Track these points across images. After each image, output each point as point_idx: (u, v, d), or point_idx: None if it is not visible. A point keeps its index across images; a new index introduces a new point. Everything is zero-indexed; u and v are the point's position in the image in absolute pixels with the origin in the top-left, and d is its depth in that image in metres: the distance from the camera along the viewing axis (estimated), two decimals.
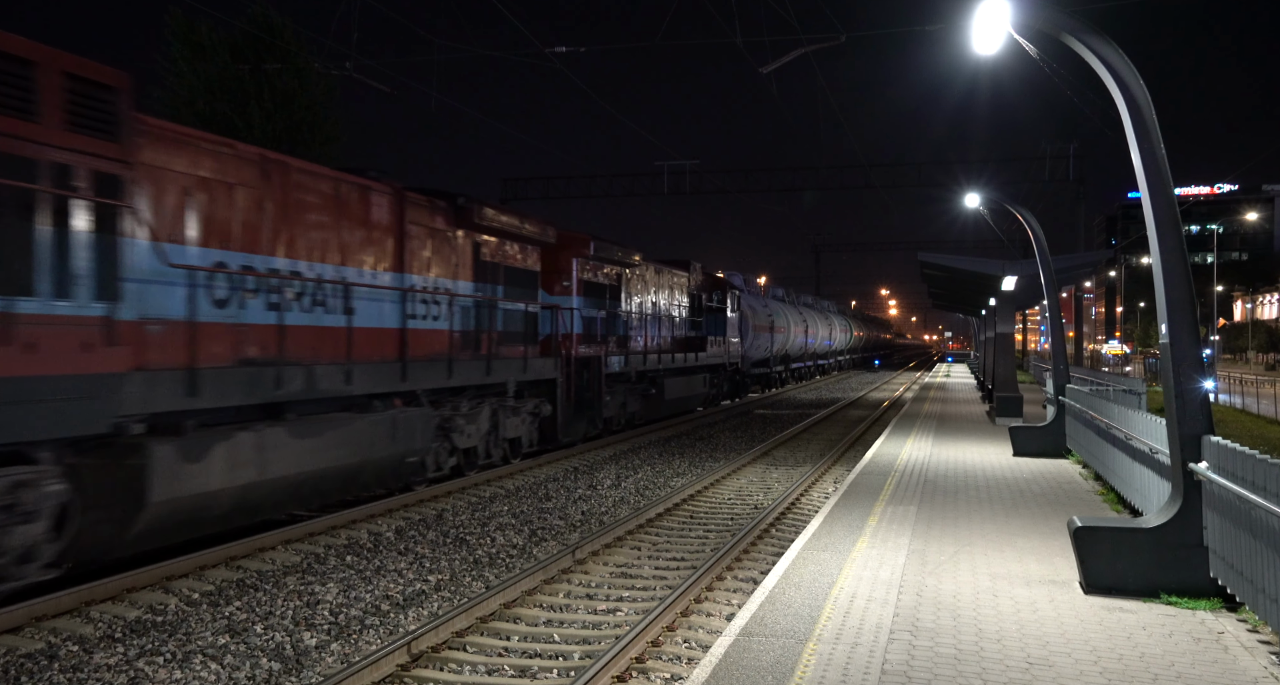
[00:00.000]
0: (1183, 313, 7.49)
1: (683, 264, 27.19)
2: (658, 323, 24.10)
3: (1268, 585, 6.08)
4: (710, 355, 28.58)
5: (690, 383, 26.63)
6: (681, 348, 26.11)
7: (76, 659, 7.12)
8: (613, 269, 21.06)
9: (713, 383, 29.67)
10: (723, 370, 31.02)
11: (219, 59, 29.65)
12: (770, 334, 38.90)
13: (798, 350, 46.68)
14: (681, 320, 26.36)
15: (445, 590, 9.18)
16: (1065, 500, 12.01)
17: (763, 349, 38.04)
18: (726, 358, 30.94)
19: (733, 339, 31.76)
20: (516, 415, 16.65)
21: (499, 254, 16.29)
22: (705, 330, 28.37)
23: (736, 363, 32.82)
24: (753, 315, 35.95)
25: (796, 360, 47.88)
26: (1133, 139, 7.60)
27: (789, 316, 43.76)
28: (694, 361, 26.90)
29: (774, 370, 41.56)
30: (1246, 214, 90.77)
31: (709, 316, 28.99)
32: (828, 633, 6.53)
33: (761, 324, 37.28)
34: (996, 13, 7.83)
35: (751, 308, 36.10)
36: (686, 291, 26.84)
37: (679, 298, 26.21)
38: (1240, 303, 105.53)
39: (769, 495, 14.78)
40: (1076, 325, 60.21)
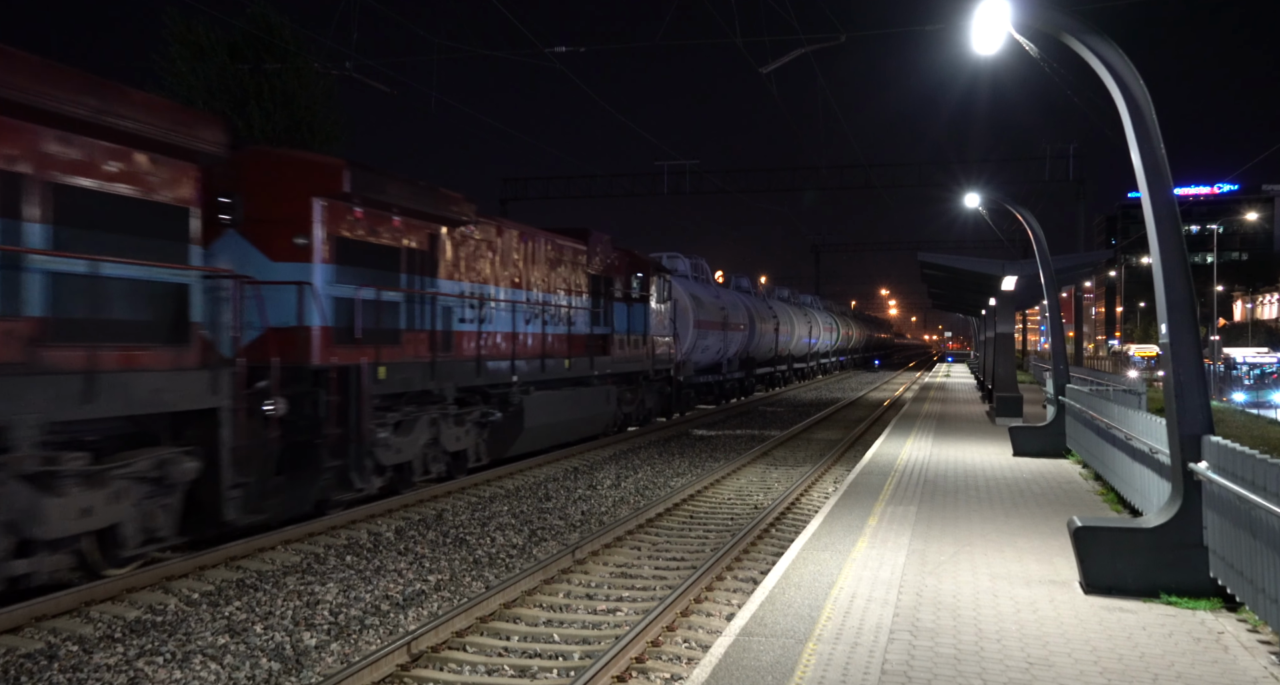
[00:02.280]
0: (1183, 313, 7.48)
1: (576, 234, 19.99)
2: (518, 314, 16.79)
3: (1268, 585, 6.08)
4: (619, 360, 21.25)
5: (579, 401, 19.11)
6: (566, 350, 18.66)
7: (76, 659, 7.12)
8: (413, 224, 13.66)
9: (627, 397, 22.39)
10: (644, 380, 23.56)
11: (218, 59, 29.65)
12: (724, 333, 31.29)
13: (766, 351, 38.98)
14: (571, 312, 19.11)
15: (445, 590, 9.18)
16: (1065, 500, 12.01)
17: (714, 351, 30.51)
18: (650, 364, 23.43)
19: (661, 338, 24.48)
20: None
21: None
22: (615, 326, 21.30)
23: (667, 370, 25.03)
24: (697, 308, 28.20)
25: (767, 363, 40.04)
26: (1133, 139, 7.60)
27: (758, 312, 36.79)
28: (586, 370, 19.45)
29: (731, 377, 33.87)
30: (1246, 214, 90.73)
31: (624, 308, 22.01)
32: (828, 633, 6.53)
33: (710, 319, 29.58)
34: (996, 13, 7.83)
35: (697, 299, 28.77)
36: (584, 273, 19.85)
37: (570, 281, 19.26)
38: (1240, 303, 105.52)
39: (769, 495, 14.78)
40: (1076, 325, 60.26)
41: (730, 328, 32.13)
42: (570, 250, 19.41)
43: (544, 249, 18.14)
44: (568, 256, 19.21)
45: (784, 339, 41.97)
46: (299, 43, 30.81)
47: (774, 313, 40.30)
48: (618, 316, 21.61)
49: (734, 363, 34.03)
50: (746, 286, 40.88)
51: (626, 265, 22.49)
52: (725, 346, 31.88)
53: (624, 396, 22.23)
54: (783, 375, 44.08)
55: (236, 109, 29.37)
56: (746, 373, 35.99)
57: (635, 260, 22.89)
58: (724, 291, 34.37)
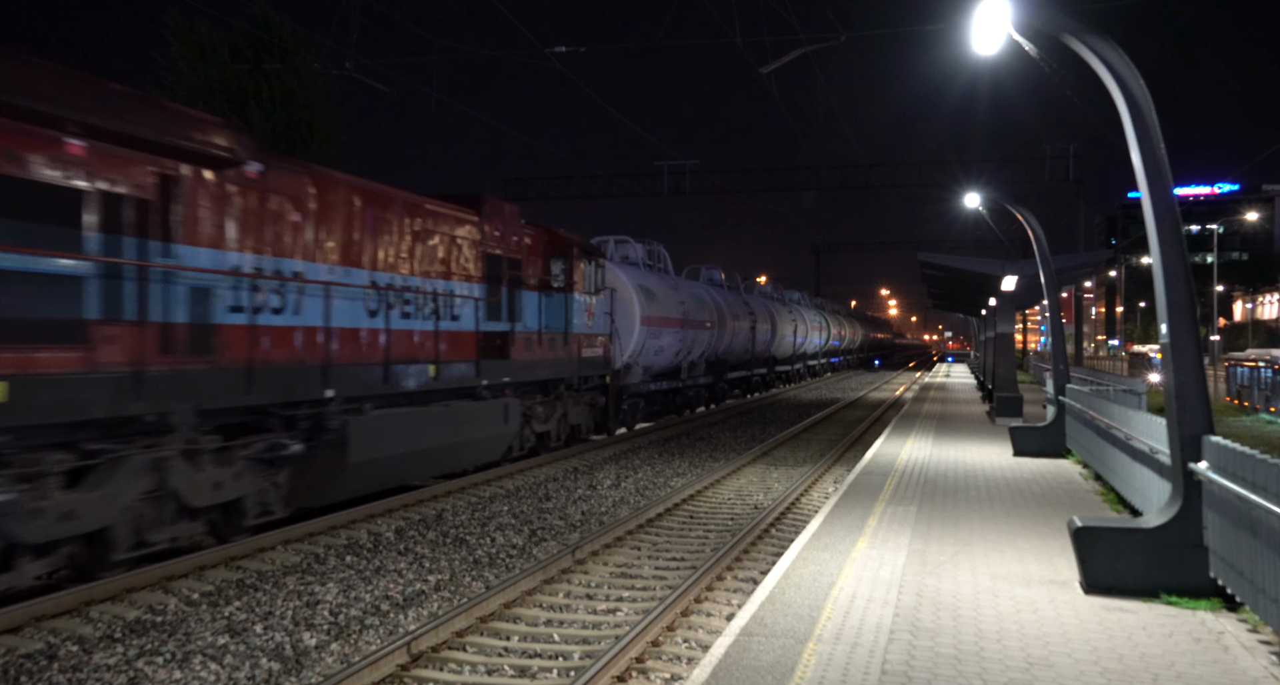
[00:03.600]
0: (1183, 313, 7.48)
1: (463, 201, 15.30)
2: (353, 302, 12.22)
3: (1268, 585, 6.08)
4: (526, 365, 16.65)
5: (454, 420, 14.06)
6: (434, 353, 13.83)
7: (76, 659, 7.12)
8: (117, 157, 9.02)
9: (539, 413, 17.75)
10: (566, 390, 18.89)
11: (218, 59, 29.67)
12: (685, 331, 26.58)
13: (741, 353, 34.39)
14: (448, 301, 14.39)
15: (445, 590, 9.18)
16: (1065, 500, 12.01)
17: (670, 352, 25.87)
18: (575, 369, 18.80)
19: (593, 337, 19.74)
20: None
21: None
22: (522, 321, 16.72)
23: (602, 376, 20.49)
24: (646, 302, 23.43)
25: (742, 366, 35.42)
26: (1133, 139, 7.60)
27: (730, 308, 32.33)
28: (469, 378, 14.73)
29: (694, 383, 29.09)
30: (1246, 214, 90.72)
31: (538, 300, 17.47)
32: (828, 633, 6.53)
33: (664, 315, 24.88)
34: (996, 13, 7.83)
35: (648, 290, 23.89)
36: (475, 251, 15.27)
37: (452, 261, 14.60)
38: (1240, 303, 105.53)
39: (769, 495, 14.78)
40: (1076, 325, 60.24)
41: (693, 325, 27.32)
42: (450, 221, 14.59)
43: (402, 216, 13.36)
44: (446, 229, 14.44)
45: (763, 338, 37.21)
46: (299, 43, 30.84)
47: (750, 309, 35.40)
48: (527, 309, 16.92)
49: (698, 366, 29.17)
50: (719, 280, 36.18)
51: (543, 246, 17.88)
52: (686, 347, 27.14)
53: (534, 411, 17.48)
54: (762, 379, 39.41)
55: (236, 108, 29.39)
56: (716, 377, 31.31)
57: (556, 240, 18.24)
58: (686, 284, 29.15)
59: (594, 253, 19.80)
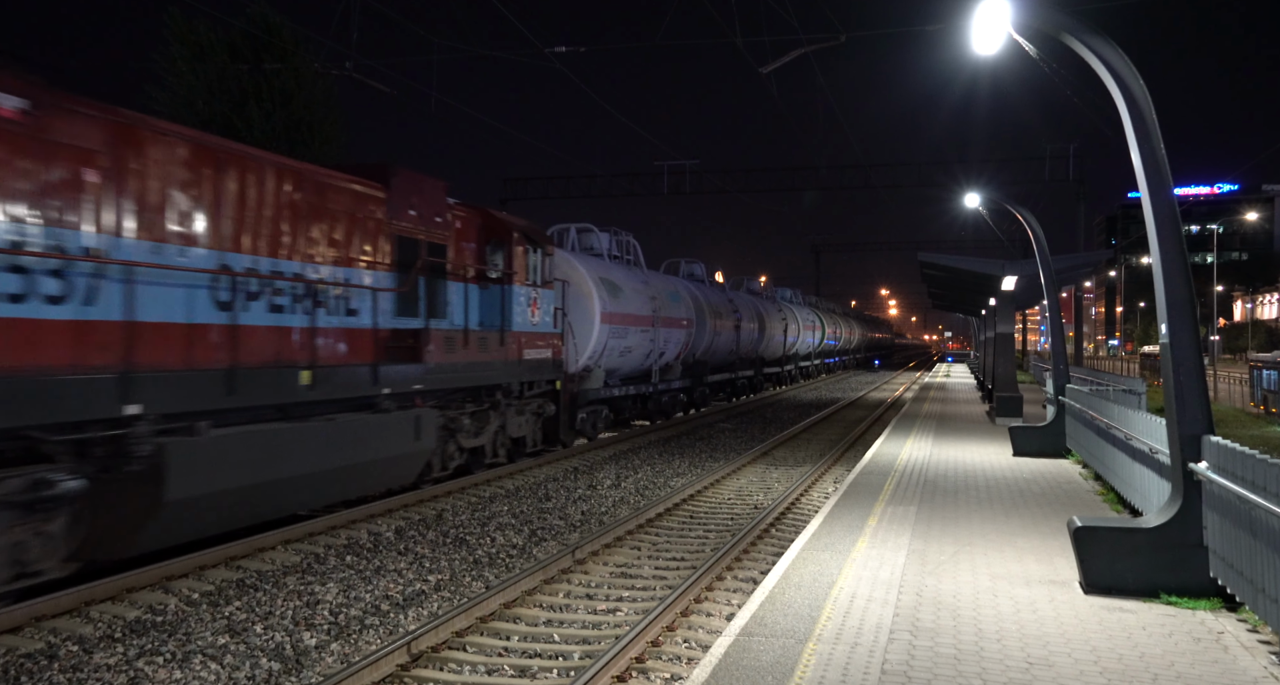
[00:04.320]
0: (1183, 313, 7.49)
1: (368, 174, 12.79)
2: (190, 291, 9.70)
3: (1268, 585, 6.09)
4: (447, 369, 13.88)
5: (338, 438, 11.45)
6: (311, 354, 11.30)
7: (76, 659, 7.12)
8: None
9: (465, 425, 14.91)
10: (504, 397, 16.02)
11: (218, 59, 29.68)
12: (656, 330, 24.01)
13: (724, 354, 32.02)
14: (337, 292, 11.83)
15: (445, 590, 9.18)
16: (1065, 500, 12.01)
17: (639, 354, 23.32)
18: (515, 373, 16.10)
19: (540, 335, 17.02)
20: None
21: None
22: (446, 317, 14.23)
23: (550, 380, 17.76)
24: (608, 297, 20.73)
25: (724, 368, 33.13)
26: (1133, 139, 7.61)
27: (712, 306, 29.98)
28: (364, 385, 12.16)
29: (667, 387, 26.23)
30: (1246, 214, 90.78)
31: (467, 292, 14.90)
32: (828, 633, 6.53)
33: (631, 313, 22.15)
34: (996, 13, 7.84)
35: (611, 284, 21.30)
36: (381, 233, 12.72)
37: (348, 243, 12.07)
38: (1240, 303, 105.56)
39: (769, 495, 14.78)
40: (1076, 325, 60.24)
41: (666, 324, 24.72)
42: (346, 195, 11.98)
43: (275, 185, 10.87)
44: (340, 204, 11.84)
45: (749, 338, 34.60)
46: (299, 43, 30.84)
47: (735, 307, 32.91)
48: (452, 303, 14.40)
49: (673, 369, 26.64)
50: (700, 275, 33.27)
51: (476, 230, 15.41)
52: (658, 348, 24.56)
53: (460, 424, 14.71)
54: (749, 382, 36.91)
55: (236, 109, 29.40)
56: (695, 380, 28.77)
57: (492, 223, 15.76)
58: (660, 278, 26.79)
59: (540, 240, 17.08)
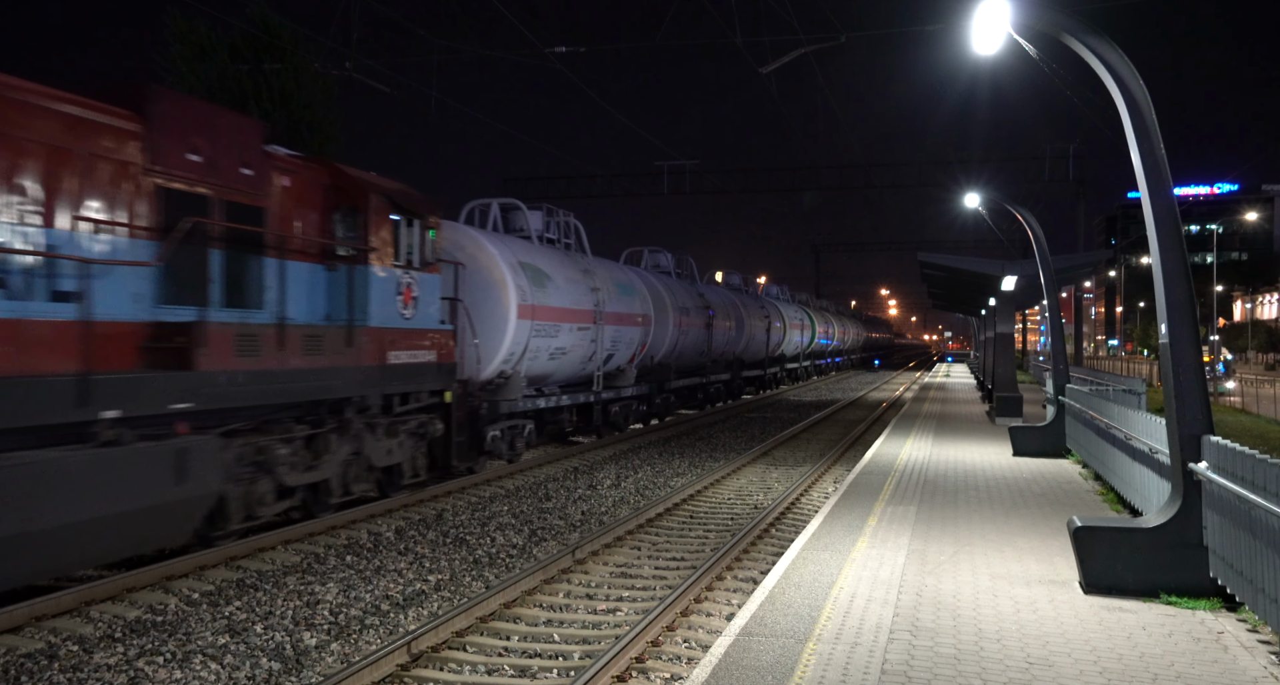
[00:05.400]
0: (1183, 313, 7.49)
1: (109, 97, 9.22)
2: None
3: (1268, 585, 6.09)
4: (232, 378, 9.96)
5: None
6: None
7: (76, 659, 7.12)
8: None
9: (284, 457, 11.06)
10: (355, 414, 12.24)
11: (218, 59, 29.71)
12: (599, 328, 20.07)
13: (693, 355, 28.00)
14: (55, 269, 8.43)
15: (445, 590, 9.18)
16: (1065, 500, 12.01)
17: (578, 357, 19.37)
18: (373, 382, 12.35)
19: (419, 330, 13.38)
20: None
21: None
22: (241, 307, 10.62)
23: (439, 391, 14.20)
24: (529, 286, 16.85)
25: (693, 372, 28.77)
26: (1133, 139, 7.61)
27: (678, 300, 25.97)
28: (66, 403, 8.18)
29: (619, 395, 22.17)
30: (1246, 214, 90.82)
31: (288, 272, 11.23)
32: (828, 632, 6.53)
33: (564, 306, 18.20)
34: (996, 13, 7.84)
35: (534, 271, 17.38)
36: (137, 185, 9.30)
37: (50, 194, 8.42)
38: (1240, 303, 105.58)
39: (769, 495, 14.78)
40: (1076, 325, 60.23)
41: (614, 321, 20.88)
42: (53, 121, 8.51)
43: None
44: (38, 133, 8.36)
45: (724, 338, 30.63)
46: (299, 43, 30.85)
47: (706, 303, 28.86)
48: (270, 288, 10.95)
49: (624, 374, 22.53)
50: (666, 265, 29.09)
51: (317, 191, 11.81)
52: (603, 349, 20.49)
53: (274, 456, 10.88)
54: (724, 387, 32.63)
55: (236, 108, 29.42)
56: (655, 387, 24.86)
57: (342, 184, 12.15)
58: (606, 266, 22.31)
59: (419, 209, 13.31)
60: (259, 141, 10.97)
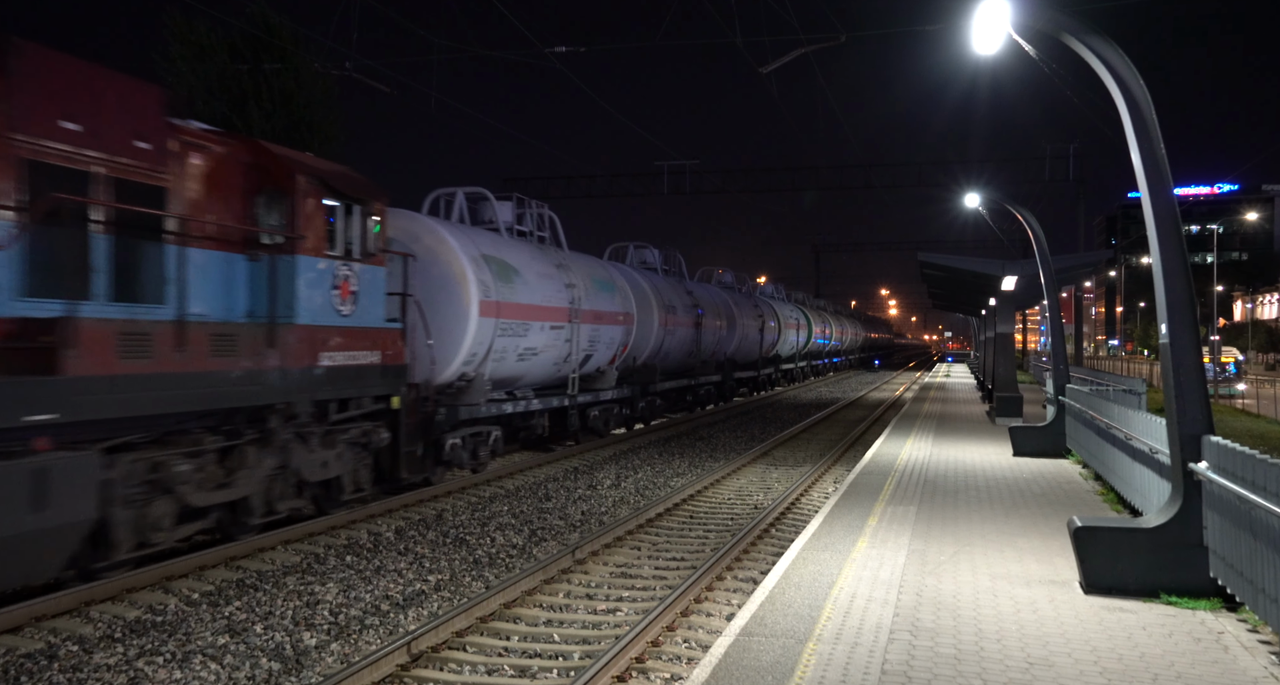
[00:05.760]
0: (1183, 313, 7.49)
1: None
2: None
3: (1268, 585, 6.09)
4: (124, 385, 8.65)
5: None
6: None
7: (76, 659, 7.12)
8: None
9: (185, 476, 9.65)
10: (280, 423, 10.93)
11: (218, 59, 29.71)
12: (575, 327, 18.58)
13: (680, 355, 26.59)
14: None
15: (445, 590, 9.18)
16: (1065, 500, 12.01)
17: (551, 358, 17.99)
18: (298, 391, 10.98)
19: (360, 328, 12.12)
20: None
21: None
22: (129, 300, 9.18)
23: (384, 396, 12.80)
24: (492, 280, 15.58)
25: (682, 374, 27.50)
26: (1133, 139, 7.61)
27: (663, 298, 24.64)
28: None
29: (597, 398, 20.71)
30: (1246, 214, 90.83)
31: (193, 261, 9.89)
32: (828, 633, 6.53)
33: (538, 303, 17.09)
34: (996, 13, 7.84)
35: (498, 264, 16.05)
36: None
37: None
38: (1240, 303, 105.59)
39: (769, 495, 14.78)
40: (1076, 325, 60.22)
41: (592, 319, 19.54)
42: None
43: None
44: None
45: (714, 337, 29.47)
46: (299, 43, 30.85)
47: (695, 301, 27.67)
48: (170, 280, 9.62)
49: (603, 376, 21.17)
50: (653, 262, 27.80)
51: (236, 170, 10.59)
52: (579, 349, 19.12)
53: (175, 474, 9.61)
54: (715, 389, 31.07)
55: (236, 109, 29.41)
56: (641, 389, 23.48)
57: (266, 163, 10.87)
58: (585, 261, 20.92)
59: (359, 193, 12.00)
60: (159, 111, 9.45)
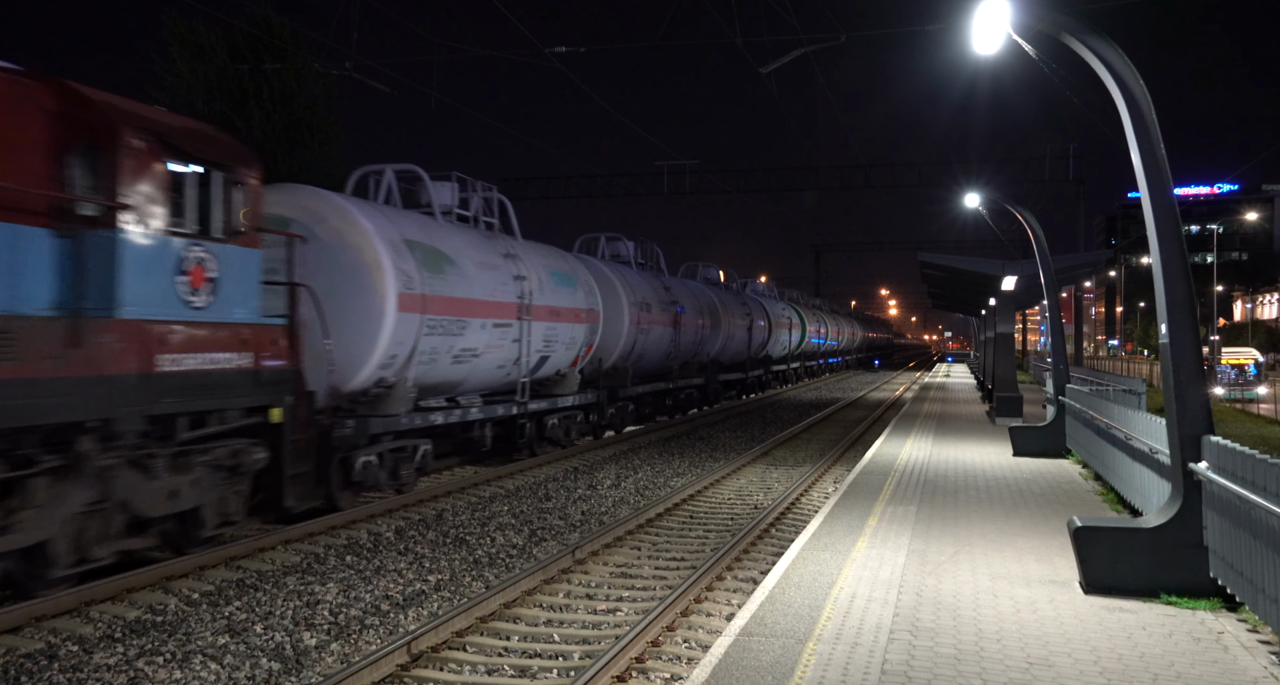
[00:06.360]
0: (1183, 313, 7.49)
1: None
2: None
3: (1268, 585, 6.09)
4: None
5: None
6: None
7: (76, 659, 7.12)
8: None
9: None
10: (98, 447, 8.49)
11: (217, 59, 29.70)
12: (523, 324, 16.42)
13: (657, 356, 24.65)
14: None
15: (445, 590, 9.18)
16: (1065, 500, 12.01)
17: (494, 361, 15.88)
18: (121, 402, 8.54)
19: (221, 324, 9.78)
20: None
21: None
22: None
23: (259, 409, 10.50)
24: (424, 273, 13.51)
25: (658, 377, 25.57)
26: (1133, 139, 7.61)
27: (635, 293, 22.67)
28: None
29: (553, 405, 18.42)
30: (1246, 214, 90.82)
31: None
32: (828, 633, 6.53)
33: (476, 297, 15.08)
34: (996, 13, 7.84)
35: (419, 249, 13.71)
36: None
37: None
38: (1240, 303, 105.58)
39: (769, 495, 14.78)
40: (1076, 325, 60.23)
41: (547, 317, 17.40)
42: None
43: None
44: None
45: (694, 337, 27.31)
46: (299, 43, 30.85)
47: (674, 298, 25.59)
48: None
49: (564, 380, 19.14)
50: (627, 256, 25.66)
51: (40, 120, 8.17)
52: (532, 350, 16.95)
53: None
54: (698, 393, 28.94)
55: (236, 109, 29.40)
56: (610, 393, 21.39)
57: (77, 110, 8.51)
58: (540, 251, 18.52)
59: (217, 155, 9.77)
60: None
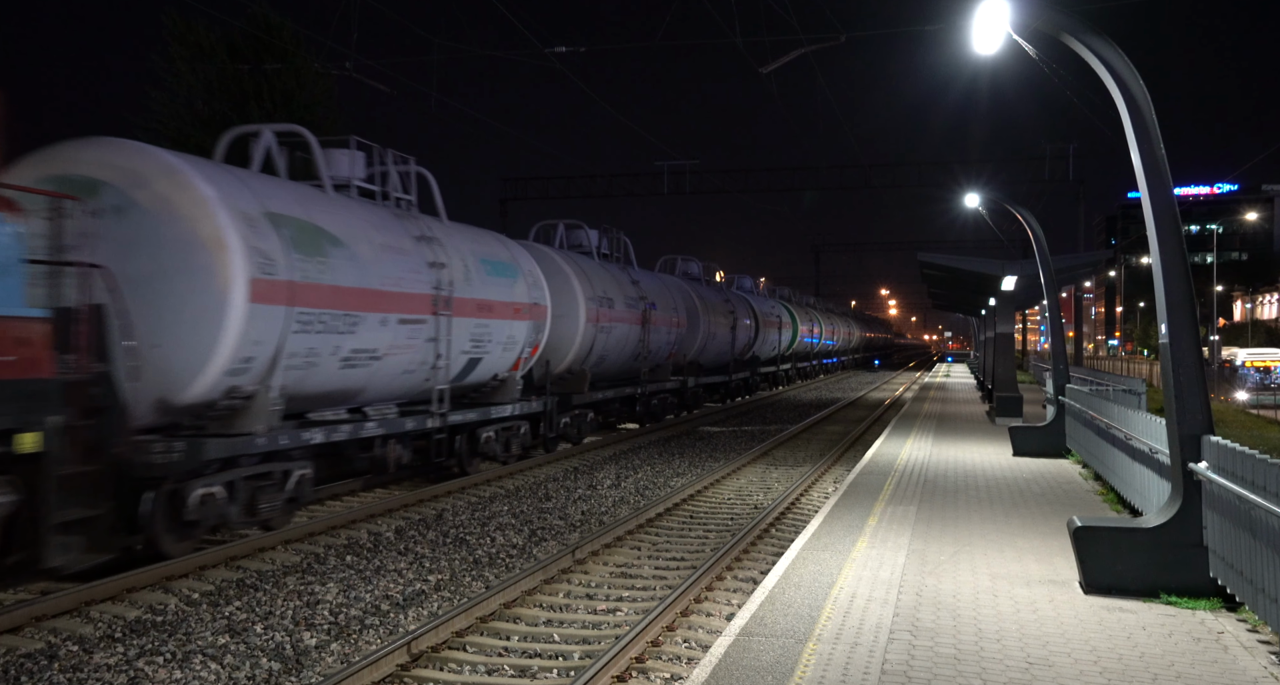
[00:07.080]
0: (1183, 313, 7.49)
1: None
2: None
3: (1268, 585, 6.08)
4: None
5: None
6: None
7: (76, 659, 7.12)
8: None
9: None
10: None
11: (217, 59, 29.70)
12: (439, 320, 13.89)
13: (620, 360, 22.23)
14: None
15: (445, 590, 9.18)
16: (1065, 500, 12.01)
17: (400, 365, 13.21)
18: None
19: None
20: None
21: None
22: None
23: (7, 432, 7.58)
24: (294, 255, 10.97)
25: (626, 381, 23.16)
26: (1132, 139, 7.61)
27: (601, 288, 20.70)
28: None
29: (475, 418, 15.48)
30: (1246, 214, 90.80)
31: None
32: (828, 633, 6.53)
33: (371, 286, 12.33)
34: (996, 13, 7.83)
35: (283, 222, 11.03)
36: None
37: None
38: (1240, 303, 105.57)
39: (769, 495, 14.78)
40: (1076, 325, 60.24)
41: (475, 312, 14.99)
42: None
43: None
44: None
45: (667, 338, 25.09)
46: (299, 42, 30.85)
47: (643, 294, 23.26)
48: None
49: (506, 387, 16.59)
50: (588, 246, 22.92)
51: None
52: (455, 351, 14.55)
53: None
54: (674, 398, 26.71)
55: (236, 108, 29.39)
56: (563, 401, 18.85)
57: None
58: (471, 234, 16.23)
59: None
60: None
